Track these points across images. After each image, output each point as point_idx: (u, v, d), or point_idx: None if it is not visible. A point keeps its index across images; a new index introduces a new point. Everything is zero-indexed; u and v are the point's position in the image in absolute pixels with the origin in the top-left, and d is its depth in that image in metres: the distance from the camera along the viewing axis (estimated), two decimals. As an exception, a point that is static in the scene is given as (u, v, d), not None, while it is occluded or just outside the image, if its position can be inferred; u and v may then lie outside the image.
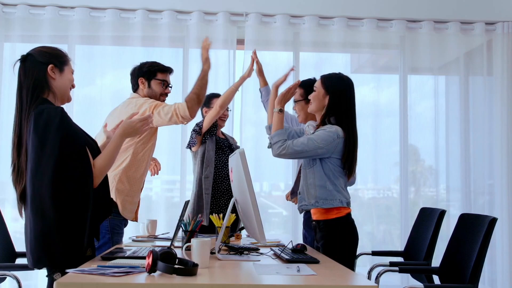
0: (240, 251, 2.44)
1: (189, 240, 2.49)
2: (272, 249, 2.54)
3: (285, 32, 4.66)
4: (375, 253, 3.59)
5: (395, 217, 4.89)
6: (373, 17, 4.70)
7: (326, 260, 2.31)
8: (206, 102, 3.75)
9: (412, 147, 4.86)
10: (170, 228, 3.71)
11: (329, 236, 2.64)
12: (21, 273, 2.86)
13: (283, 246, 2.65)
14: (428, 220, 3.29)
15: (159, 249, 1.87)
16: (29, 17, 4.51)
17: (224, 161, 3.66)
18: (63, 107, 2.20)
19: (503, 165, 4.67)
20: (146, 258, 1.83)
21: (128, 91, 3.26)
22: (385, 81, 4.99)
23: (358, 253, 3.14)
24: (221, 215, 2.88)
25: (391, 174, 4.92)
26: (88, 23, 4.53)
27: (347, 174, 2.68)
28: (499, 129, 4.71)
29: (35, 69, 2.17)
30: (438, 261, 2.91)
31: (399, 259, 3.52)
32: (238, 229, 3.16)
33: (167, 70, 3.21)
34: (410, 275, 3.56)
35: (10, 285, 3.93)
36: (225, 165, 3.65)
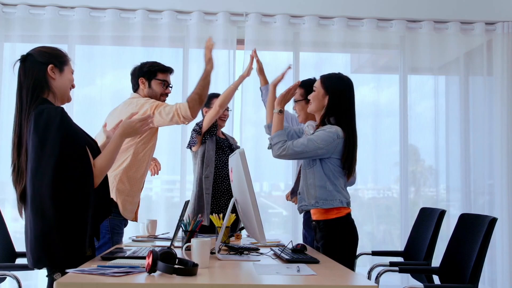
0: (240, 251, 2.44)
1: (189, 240, 2.49)
2: (272, 249, 2.54)
3: (285, 32, 4.66)
4: (375, 253, 3.59)
5: (395, 217, 4.89)
6: (373, 17, 4.70)
7: (326, 260, 2.31)
8: (206, 102, 3.74)
9: (412, 147, 4.86)
10: (170, 228, 3.71)
11: (329, 236, 2.64)
12: (21, 273, 2.86)
13: (283, 246, 2.65)
14: (428, 220, 3.29)
15: (159, 249, 1.87)
16: (29, 17, 4.51)
17: (224, 161, 3.66)
18: (63, 107, 2.20)
19: (503, 165, 4.67)
20: (146, 258, 1.83)
21: (128, 91, 3.26)
22: (385, 81, 4.99)
23: (358, 253, 3.14)
24: (221, 215, 2.88)
25: (391, 174, 4.92)
26: (88, 23, 4.53)
27: (346, 174, 2.68)
28: (499, 129, 4.71)
29: (35, 69, 2.17)
30: (438, 261, 2.91)
31: (399, 259, 3.51)
32: (238, 229, 3.16)
33: (167, 70, 3.21)
34: (410, 275, 3.56)
35: (10, 285, 3.93)
36: (225, 165, 3.65)
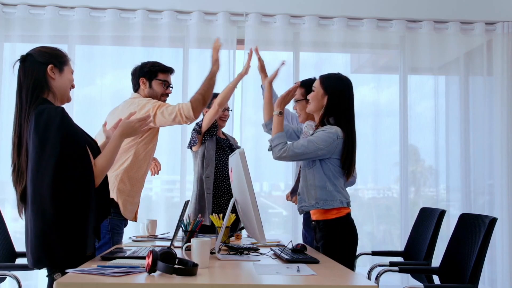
0: (240, 251, 2.44)
1: (189, 240, 2.49)
2: (272, 249, 2.54)
3: (285, 32, 4.66)
4: (375, 253, 3.58)
5: (395, 217, 4.89)
6: (373, 17, 4.70)
7: (326, 260, 2.31)
8: (206, 102, 3.74)
9: (412, 147, 4.86)
10: (170, 228, 3.71)
11: (329, 236, 2.63)
12: (21, 273, 2.85)
13: (283, 246, 2.65)
14: (428, 220, 3.29)
15: (159, 249, 1.87)
16: (29, 17, 4.51)
17: (225, 161, 3.66)
18: (63, 107, 2.20)
19: (503, 165, 4.67)
20: (146, 258, 1.82)
21: (128, 91, 3.25)
22: (385, 81, 4.99)
23: (358, 253, 3.14)
24: (221, 215, 2.88)
25: (391, 174, 4.92)
26: (88, 23, 4.53)
27: (346, 174, 2.68)
28: (499, 129, 4.71)
29: (35, 69, 2.17)
30: (438, 261, 2.91)
31: (399, 259, 3.51)
32: (238, 229, 3.16)
33: (168, 71, 3.20)
34: (410, 275, 3.56)
35: (10, 285, 3.93)
36: (225, 165, 3.65)
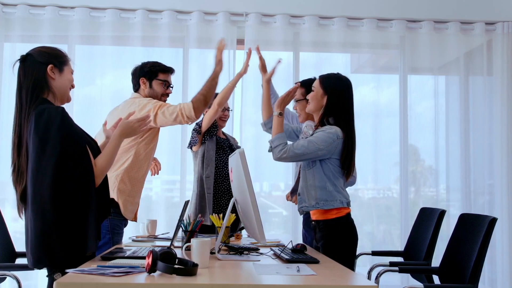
0: (240, 251, 2.44)
1: (189, 240, 2.49)
2: (272, 249, 2.54)
3: (285, 32, 4.66)
4: (375, 253, 3.59)
5: (395, 217, 4.89)
6: (373, 17, 4.70)
7: (326, 260, 2.31)
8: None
9: (412, 147, 4.86)
10: (170, 228, 3.71)
11: (328, 236, 2.63)
12: (21, 273, 2.86)
13: (283, 246, 2.65)
14: (428, 220, 3.29)
15: (159, 249, 1.87)
16: (29, 17, 4.51)
17: (225, 161, 3.65)
18: (63, 107, 2.20)
19: (503, 165, 4.67)
20: (146, 258, 1.82)
21: (128, 91, 3.25)
22: (385, 81, 4.99)
23: (358, 253, 3.14)
24: (221, 215, 2.88)
25: (391, 174, 4.92)
26: (88, 23, 4.53)
27: (345, 175, 2.68)
28: (499, 129, 4.71)
29: (35, 69, 2.17)
30: (438, 261, 2.91)
31: (399, 259, 3.52)
32: (238, 229, 3.16)
33: (168, 71, 3.20)
34: (410, 275, 3.56)
35: (10, 285, 3.93)
36: (225, 165, 3.64)
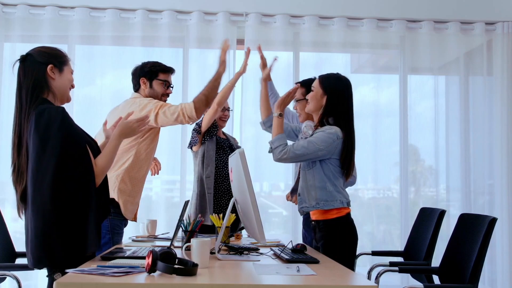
0: (240, 251, 2.44)
1: (189, 240, 2.49)
2: (272, 249, 2.54)
3: (285, 32, 4.66)
4: (375, 253, 3.59)
5: (395, 217, 4.89)
6: (373, 17, 4.70)
7: (326, 260, 2.31)
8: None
9: (412, 147, 4.86)
10: (170, 228, 3.71)
11: (328, 236, 2.63)
12: (21, 273, 2.86)
13: (283, 246, 2.65)
14: (428, 220, 3.29)
15: (159, 249, 1.87)
16: (29, 17, 4.51)
17: (225, 161, 3.65)
18: (63, 107, 2.20)
19: (503, 165, 4.67)
20: (146, 258, 1.82)
21: (128, 91, 3.25)
22: (385, 81, 4.99)
23: (358, 253, 3.14)
24: (221, 215, 2.88)
25: (391, 174, 4.92)
26: (88, 23, 4.53)
27: (345, 175, 2.68)
28: (499, 129, 4.71)
29: (35, 69, 2.17)
30: (438, 261, 2.91)
31: (399, 259, 3.52)
32: (238, 229, 3.16)
33: (169, 71, 3.20)
34: (410, 275, 3.56)
35: (10, 285, 3.93)
36: (226, 165, 3.64)
